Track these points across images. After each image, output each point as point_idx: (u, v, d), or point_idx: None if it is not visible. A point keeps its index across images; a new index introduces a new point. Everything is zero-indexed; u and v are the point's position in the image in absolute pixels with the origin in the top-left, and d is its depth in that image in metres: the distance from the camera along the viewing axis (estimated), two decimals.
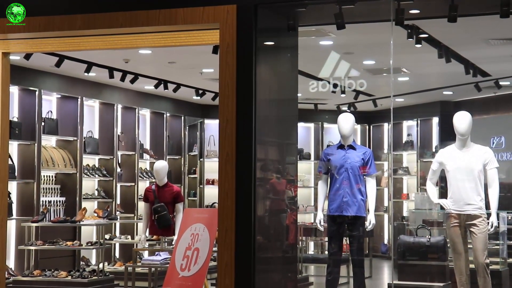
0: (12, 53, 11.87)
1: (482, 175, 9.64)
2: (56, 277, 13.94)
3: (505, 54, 13.30)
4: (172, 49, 13.46)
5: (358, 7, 9.67)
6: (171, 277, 10.32)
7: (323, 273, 10.56)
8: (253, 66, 9.48)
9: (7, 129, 11.63)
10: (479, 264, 9.50)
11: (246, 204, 9.48)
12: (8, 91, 11.75)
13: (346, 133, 9.96)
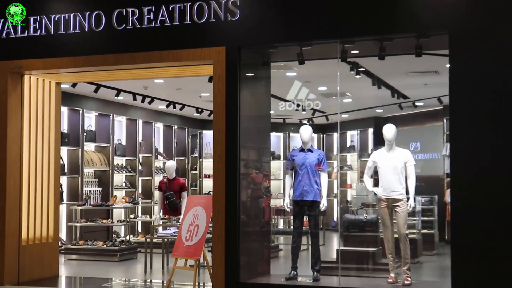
0: (62, 83, 11.84)
1: (403, 170, 9.60)
2: (95, 246, 13.92)
3: (419, 83, 13.30)
4: (179, 79, 13.46)
5: (314, 49, 9.67)
6: (179, 245, 10.28)
7: (289, 242, 10.53)
8: (237, 92, 9.48)
9: (59, 138, 11.65)
10: (401, 234, 9.50)
11: (233, 192, 9.47)
12: (60, 110, 11.75)
13: (305, 140, 9.95)
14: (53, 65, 10.49)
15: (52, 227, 11.30)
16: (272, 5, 9.45)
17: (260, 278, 9.92)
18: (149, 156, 19.01)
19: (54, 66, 10.50)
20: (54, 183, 11.36)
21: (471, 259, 8.39)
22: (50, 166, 11.29)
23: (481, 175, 8.42)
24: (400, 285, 9.33)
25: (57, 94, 11.51)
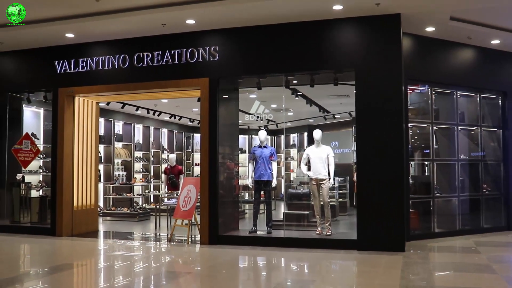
0: (100, 102, 11.94)
1: (326, 160, 9.71)
2: (122, 211, 13.98)
3: (337, 102, 13.39)
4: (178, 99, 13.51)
5: (267, 79, 9.85)
6: (177, 210, 10.41)
7: (252, 208, 10.61)
8: (216, 108, 9.66)
9: (98, 139, 11.73)
10: (325, 202, 9.61)
11: (213, 175, 9.63)
12: (98, 120, 11.86)
13: (262, 140, 10.06)
14: (94, 90, 10.67)
15: (94, 198, 11.48)
16: (240, 50, 9.65)
17: (232, 231, 10.08)
18: (157, 151, 19.06)
19: (95, 91, 10.67)
20: (94, 169, 11.50)
21: (369, 216, 8.75)
22: (92, 157, 11.44)
23: (375, 163, 8.77)
24: (324, 235, 9.47)
25: (96, 110, 11.66)
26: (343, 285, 6.89)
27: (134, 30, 9.89)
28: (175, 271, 7.89)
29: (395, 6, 8.54)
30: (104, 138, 15.87)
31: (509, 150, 11.44)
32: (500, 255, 8.68)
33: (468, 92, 11.30)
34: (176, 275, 7.45)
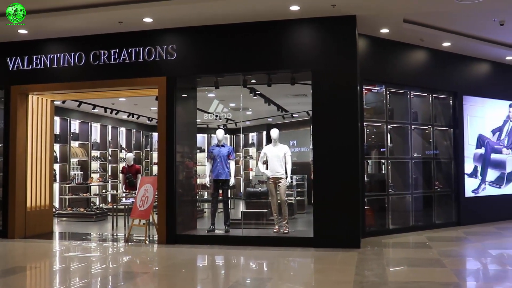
0: (55, 100, 11.72)
1: (283, 158, 9.77)
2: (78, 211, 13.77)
3: (295, 102, 13.41)
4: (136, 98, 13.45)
5: (226, 78, 9.89)
6: (135, 210, 10.32)
7: (209, 207, 10.62)
8: (174, 107, 9.62)
9: (53, 138, 11.55)
10: (282, 200, 9.70)
11: (171, 174, 9.58)
12: (53, 119, 11.65)
13: (220, 139, 10.04)
14: (48, 88, 10.47)
15: (48, 198, 11.25)
16: (198, 49, 9.65)
17: (190, 231, 10.06)
18: (115, 150, 18.81)
19: (49, 89, 10.47)
20: (49, 168, 11.28)
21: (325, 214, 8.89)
22: (46, 157, 11.21)
23: (331, 161, 8.91)
24: (282, 233, 9.55)
25: (51, 108, 11.43)
26: (299, 282, 6.97)
27: (90, 28, 9.74)
28: (132, 271, 7.83)
29: (350, 8, 8.69)
30: (59, 137, 15.54)
31: (460, 148, 11.80)
32: (450, 250, 8.94)
33: (421, 93, 11.60)
34: (134, 276, 7.40)
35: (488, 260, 8.27)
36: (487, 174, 12.38)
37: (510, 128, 13.02)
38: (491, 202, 12.32)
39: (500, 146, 12.74)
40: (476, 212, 11.93)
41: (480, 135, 12.33)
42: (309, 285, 6.81)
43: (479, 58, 12.24)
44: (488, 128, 12.53)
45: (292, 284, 6.78)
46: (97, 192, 15.92)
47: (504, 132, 12.89)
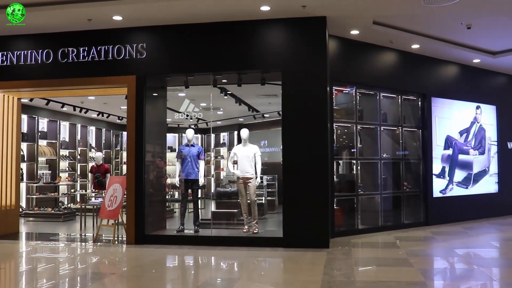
0: (22, 98, 11.54)
1: (253, 158, 9.81)
2: (45, 211, 13.59)
3: (266, 102, 13.53)
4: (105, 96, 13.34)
5: (196, 78, 9.87)
6: (103, 210, 10.23)
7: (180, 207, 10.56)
8: (143, 106, 9.56)
9: (20, 137, 11.37)
10: (252, 200, 9.72)
11: (140, 174, 9.53)
12: (20, 117, 11.46)
13: (190, 139, 10.02)
14: (15, 86, 10.29)
15: (14, 198, 11.05)
16: (168, 48, 9.61)
17: (159, 231, 10.01)
18: (85, 149, 18.59)
19: (16, 86, 10.29)
20: (15, 167, 11.08)
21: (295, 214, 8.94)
22: (13, 155, 11.02)
23: (301, 161, 8.97)
24: (251, 233, 9.57)
25: (18, 106, 11.24)
26: (267, 282, 6.98)
27: (58, 25, 9.61)
28: (100, 272, 7.75)
29: (320, 9, 8.75)
30: (27, 136, 15.28)
31: (428, 149, 11.99)
32: (418, 249, 9.07)
33: (391, 94, 11.74)
34: (101, 276, 7.32)
35: (454, 259, 8.42)
36: (455, 175, 12.60)
37: (477, 130, 13.28)
38: (458, 202, 12.55)
39: (467, 147, 12.98)
40: (443, 212, 12.13)
41: (448, 136, 12.54)
42: (277, 285, 6.83)
43: (447, 60, 12.46)
44: (455, 129, 12.75)
45: (260, 284, 6.79)
46: (65, 192, 15.70)
47: (471, 134, 13.13)
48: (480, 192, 13.18)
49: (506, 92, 14.28)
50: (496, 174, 13.73)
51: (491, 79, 13.84)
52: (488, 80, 13.75)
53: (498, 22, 9.90)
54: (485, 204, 13.23)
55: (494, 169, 13.68)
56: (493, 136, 13.80)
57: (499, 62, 12.79)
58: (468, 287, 6.60)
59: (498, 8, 9.03)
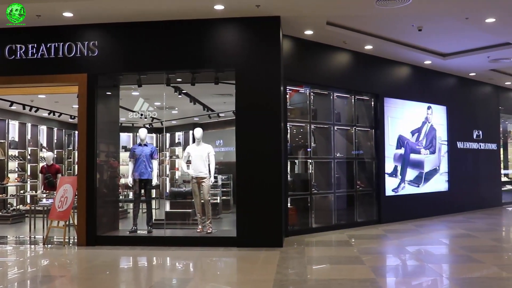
0: None
1: (207, 158, 9.80)
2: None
3: (221, 101, 13.44)
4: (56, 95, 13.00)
5: (149, 77, 9.77)
6: (53, 211, 10.00)
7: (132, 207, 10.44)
8: (95, 105, 9.40)
9: None
10: (205, 200, 9.70)
11: (91, 174, 9.37)
12: None
13: (143, 138, 9.96)
14: None
15: None
16: (120, 46, 9.48)
17: (112, 232, 9.88)
18: (35, 149, 18.14)
19: None
20: None
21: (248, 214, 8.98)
22: None
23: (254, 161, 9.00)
24: (205, 233, 9.57)
25: None
26: (220, 282, 6.98)
27: (5, 20, 9.28)
28: (50, 275, 7.59)
29: (274, 9, 8.79)
30: None
31: (381, 148, 12.22)
32: (370, 247, 9.23)
33: (344, 94, 11.91)
34: (51, 279, 7.17)
35: (405, 256, 8.59)
36: (407, 174, 12.88)
37: (428, 130, 13.61)
38: (410, 201, 12.84)
39: (418, 146, 13.29)
40: (396, 210, 12.39)
41: (400, 136, 12.81)
42: (230, 284, 6.84)
43: (400, 61, 12.73)
44: (407, 129, 13.04)
45: (213, 284, 6.79)
46: (14, 193, 15.28)
47: (423, 133, 13.45)
48: (431, 191, 13.53)
49: (456, 93, 14.72)
50: (446, 172, 14.12)
51: (441, 80, 14.22)
52: (438, 81, 14.12)
53: (448, 25, 10.18)
54: (435, 202, 13.59)
55: (444, 168, 14.07)
56: (443, 136, 14.18)
57: (449, 64, 13.16)
58: (418, 284, 6.76)
59: (447, 11, 9.29)
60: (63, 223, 9.91)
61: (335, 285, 6.26)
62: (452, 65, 13.36)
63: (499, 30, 10.43)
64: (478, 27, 10.20)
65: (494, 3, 8.89)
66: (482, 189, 15.49)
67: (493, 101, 16.46)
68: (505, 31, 10.57)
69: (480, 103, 15.84)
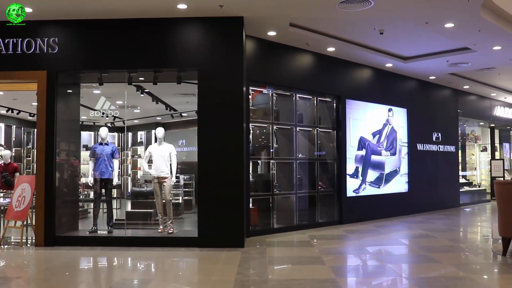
0: None
1: (169, 158, 9.82)
2: None
3: (184, 101, 13.33)
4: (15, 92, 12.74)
5: (111, 75, 9.68)
6: (10, 211, 9.79)
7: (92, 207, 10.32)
8: (55, 103, 9.25)
9: None
10: (166, 200, 9.71)
11: (50, 173, 9.22)
12: None
13: (104, 137, 9.87)
14: None
15: None
16: (81, 44, 9.34)
17: (71, 232, 9.74)
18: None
19: None
20: None
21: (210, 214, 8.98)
22: None
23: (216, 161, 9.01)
24: (166, 233, 9.53)
25: None
26: (180, 282, 6.97)
27: None
28: (5, 276, 7.41)
29: (237, 9, 8.82)
30: None
31: (343, 150, 12.38)
32: (330, 248, 9.35)
33: (307, 95, 12.03)
34: (7, 280, 7.01)
35: (365, 256, 8.73)
36: (368, 175, 13.10)
37: (389, 131, 13.86)
38: (371, 201, 13.07)
39: (379, 148, 13.52)
40: (357, 211, 12.58)
41: (362, 137, 13.01)
42: (190, 284, 6.83)
43: (362, 64, 12.93)
44: (369, 131, 13.26)
45: (173, 284, 6.77)
46: None
47: (384, 135, 13.70)
48: (391, 192, 13.79)
49: (416, 95, 15.04)
50: (406, 174, 14.41)
51: (402, 83, 14.51)
52: (399, 84, 14.41)
53: (409, 29, 10.40)
54: (396, 203, 13.86)
55: (404, 170, 14.36)
56: (404, 138, 14.47)
57: (410, 67, 13.44)
58: (378, 283, 6.87)
59: (408, 15, 9.49)
60: (20, 223, 9.71)
61: (295, 285, 6.33)
62: (412, 68, 13.65)
63: (458, 35, 10.72)
64: (438, 31, 10.45)
65: (452, 8, 9.14)
66: (441, 190, 15.88)
67: (452, 104, 16.89)
68: (464, 36, 10.86)
69: (440, 106, 16.24)
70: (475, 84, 16.30)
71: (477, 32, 10.44)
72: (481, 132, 22.29)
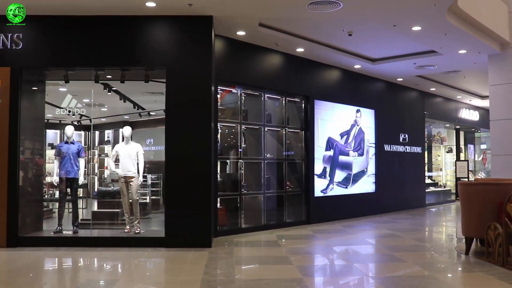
0: None
1: (136, 157, 9.80)
2: None
3: (152, 100, 13.25)
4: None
5: (77, 73, 9.57)
6: None
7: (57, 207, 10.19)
8: (19, 100, 9.07)
9: None
10: (133, 200, 9.69)
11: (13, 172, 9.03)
12: None
13: (69, 136, 9.76)
14: None
15: None
16: (47, 40, 9.20)
17: (35, 232, 9.59)
18: None
19: None
20: None
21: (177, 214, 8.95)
22: None
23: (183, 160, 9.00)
24: (133, 233, 9.51)
25: None
26: (147, 282, 6.93)
27: None
28: None
29: (206, 8, 8.82)
30: None
31: (311, 150, 12.48)
32: (298, 247, 9.42)
33: (276, 95, 12.10)
34: None
35: (332, 256, 8.83)
36: (335, 175, 13.23)
37: (357, 132, 14.04)
38: (338, 201, 13.21)
39: (347, 148, 13.68)
40: (324, 211, 12.71)
41: (330, 138, 13.14)
42: (157, 285, 6.81)
43: (330, 65, 13.06)
44: (337, 131, 13.40)
45: (140, 285, 6.73)
46: None
47: (351, 136, 13.86)
48: (359, 192, 13.97)
49: (384, 97, 15.27)
50: (373, 174, 14.61)
51: (370, 85, 14.71)
52: (367, 85, 14.60)
53: (377, 31, 10.55)
54: (363, 203, 14.05)
55: (371, 170, 14.55)
56: (371, 139, 14.67)
57: (378, 69, 13.64)
58: (344, 283, 6.96)
59: (376, 18, 9.63)
60: None
61: (262, 285, 6.36)
62: (380, 70, 13.85)
63: (424, 38, 10.93)
64: (406, 34, 10.63)
65: (420, 12, 9.31)
66: (407, 191, 16.16)
67: (418, 106, 17.20)
68: (430, 39, 11.08)
69: (407, 107, 16.52)
70: (441, 86, 16.65)
71: (443, 36, 10.66)
72: (447, 134, 22.78)
